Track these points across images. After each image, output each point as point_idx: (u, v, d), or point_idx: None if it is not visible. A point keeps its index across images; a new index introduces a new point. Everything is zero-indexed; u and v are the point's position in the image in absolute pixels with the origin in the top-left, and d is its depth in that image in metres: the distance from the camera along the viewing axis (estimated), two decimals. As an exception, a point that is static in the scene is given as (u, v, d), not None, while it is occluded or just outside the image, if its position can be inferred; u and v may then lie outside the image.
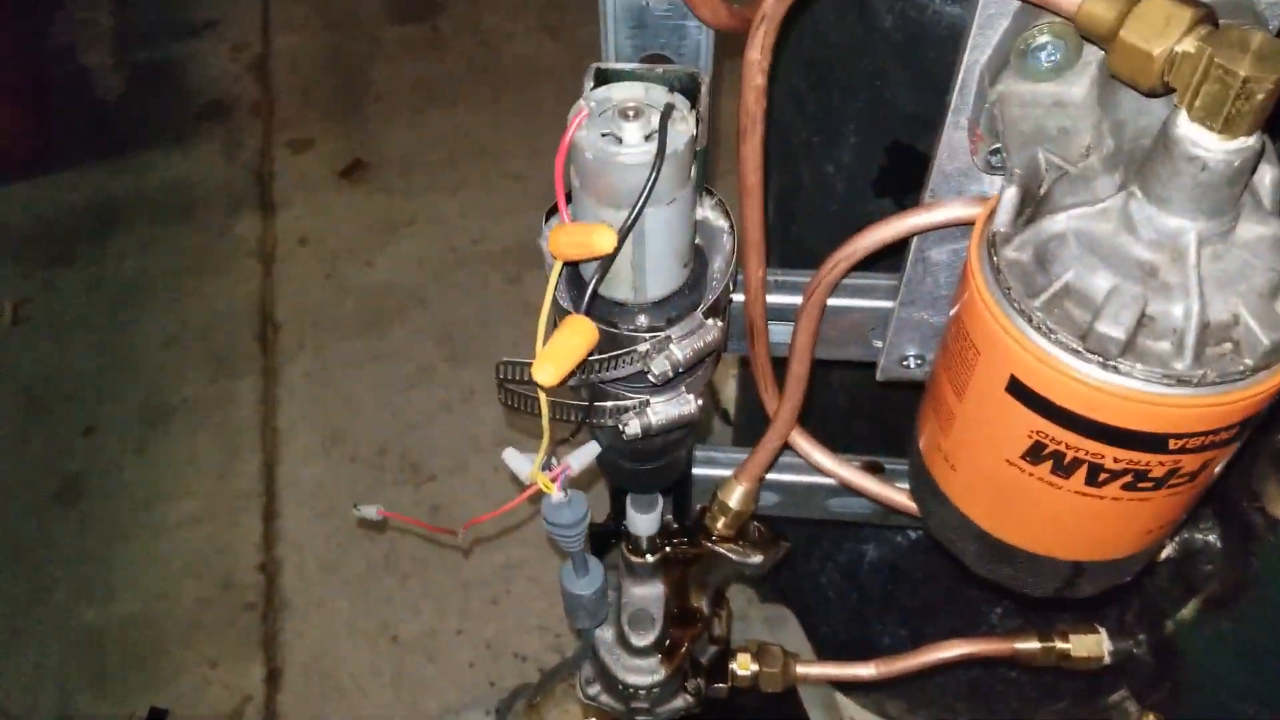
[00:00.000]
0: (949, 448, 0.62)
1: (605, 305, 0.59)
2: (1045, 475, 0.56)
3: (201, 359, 2.29)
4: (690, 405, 0.62)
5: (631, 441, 0.67)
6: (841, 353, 0.84)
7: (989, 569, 0.67)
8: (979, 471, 0.60)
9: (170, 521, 2.08)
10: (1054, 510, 0.58)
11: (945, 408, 0.61)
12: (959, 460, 0.62)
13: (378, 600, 1.98)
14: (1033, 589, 0.67)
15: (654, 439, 0.68)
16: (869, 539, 1.39)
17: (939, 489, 0.66)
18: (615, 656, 0.88)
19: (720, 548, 0.86)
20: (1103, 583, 0.65)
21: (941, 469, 0.64)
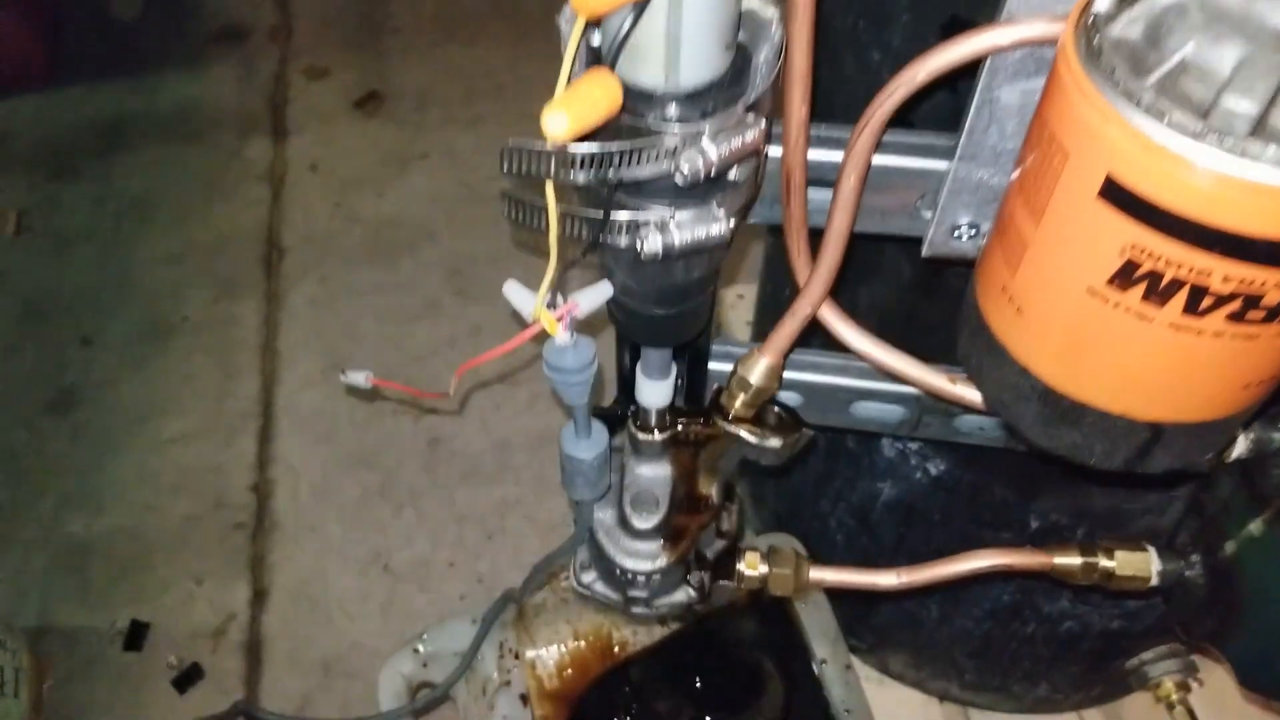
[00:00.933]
0: (1017, 287, 0.56)
1: (631, 95, 0.53)
2: (1134, 304, 0.50)
3: (204, 279, 2.24)
4: (720, 224, 0.56)
5: (650, 272, 0.62)
6: (885, 224, 0.79)
7: (1049, 436, 0.61)
8: (1051, 310, 0.54)
9: (164, 437, 2.04)
10: (1137, 353, 0.52)
11: (1016, 240, 0.55)
12: (1027, 300, 0.56)
13: (370, 528, 1.94)
14: (1098, 459, 0.61)
15: (675, 272, 0.63)
16: (885, 476, 1.34)
17: (997, 342, 0.60)
18: (614, 539, 0.82)
19: (736, 428, 0.80)
20: (1180, 454, 0.59)
21: (1004, 316, 0.59)
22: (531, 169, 0.53)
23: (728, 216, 0.57)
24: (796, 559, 0.89)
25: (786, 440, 0.81)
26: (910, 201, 0.76)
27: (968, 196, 0.73)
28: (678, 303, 0.66)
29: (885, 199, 0.77)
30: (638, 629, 1.34)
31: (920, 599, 1.45)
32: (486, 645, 1.23)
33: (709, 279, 0.67)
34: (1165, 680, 1.43)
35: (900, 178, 0.74)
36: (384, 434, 2.05)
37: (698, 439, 0.82)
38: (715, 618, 1.35)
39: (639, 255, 0.58)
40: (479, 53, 2.60)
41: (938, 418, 0.98)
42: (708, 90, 0.53)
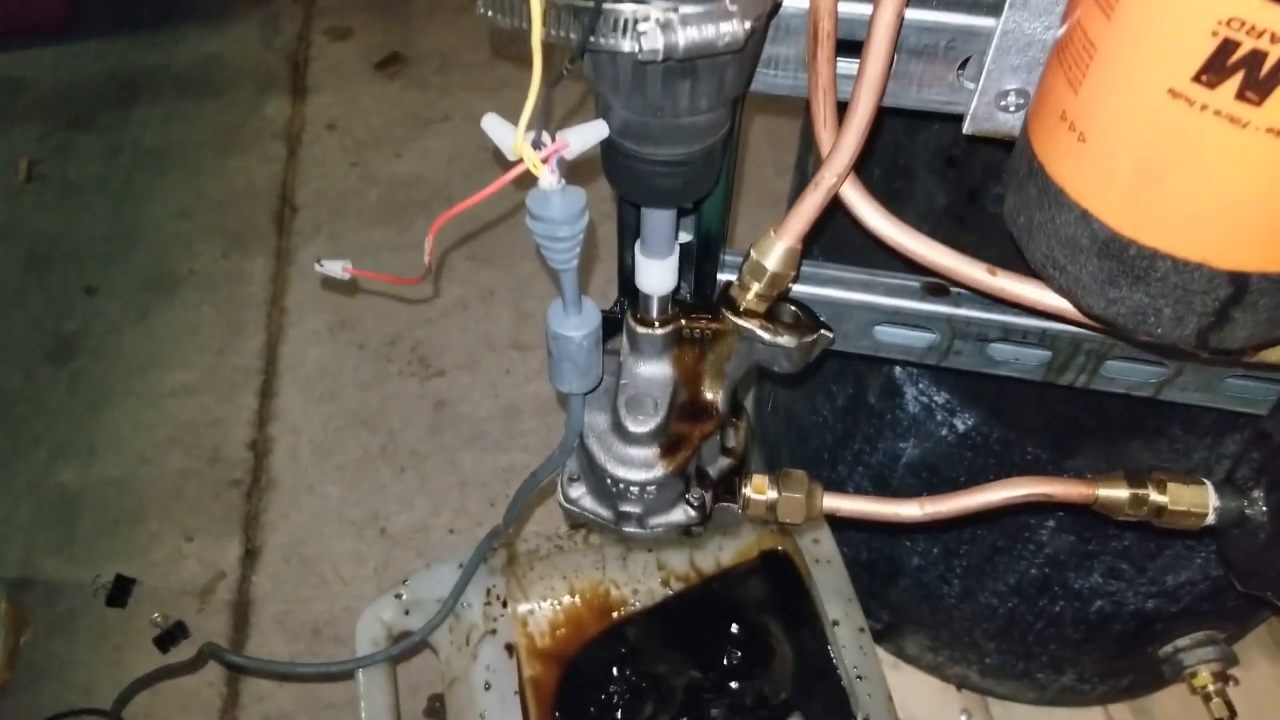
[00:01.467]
0: (1080, 108, 0.48)
1: None
2: (1226, 105, 0.41)
3: (214, 233, 2.19)
4: (733, 24, 0.48)
5: (652, 96, 0.53)
6: (923, 97, 0.70)
7: (1109, 299, 0.52)
8: (1121, 129, 0.46)
9: (163, 389, 1.98)
10: (1223, 174, 0.43)
11: (1081, 46, 0.47)
12: (1092, 121, 0.47)
13: (370, 490, 1.86)
14: (1165, 329, 0.51)
15: (680, 96, 0.54)
16: (908, 434, 1.25)
17: (1053, 185, 0.51)
18: (606, 445, 0.74)
19: (746, 323, 0.71)
20: (1262, 322, 0.49)
21: (1062, 150, 0.50)
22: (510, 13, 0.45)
23: (744, 17, 0.49)
24: (809, 483, 0.81)
25: (803, 340, 0.73)
26: (951, 69, 0.68)
27: (1016, 57, 0.64)
28: (684, 140, 0.58)
29: (924, 66, 0.68)
30: (637, 587, 1.26)
31: (941, 572, 1.36)
32: (472, 590, 1.14)
33: (721, 113, 0.59)
34: (1201, 670, 1.33)
35: (942, 36, 0.66)
36: (389, 394, 1.98)
37: (703, 335, 0.73)
38: (719, 578, 1.26)
39: (637, 66, 0.50)
40: (505, 19, 2.54)
41: (970, 343, 0.89)
42: None
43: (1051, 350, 0.88)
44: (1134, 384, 0.89)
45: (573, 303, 0.64)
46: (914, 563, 1.39)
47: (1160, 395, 0.89)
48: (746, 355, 0.74)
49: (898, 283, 0.87)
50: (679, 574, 1.27)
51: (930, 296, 0.86)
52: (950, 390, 1.16)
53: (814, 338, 0.73)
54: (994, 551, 1.29)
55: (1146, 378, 0.88)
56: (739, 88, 0.57)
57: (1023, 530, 1.24)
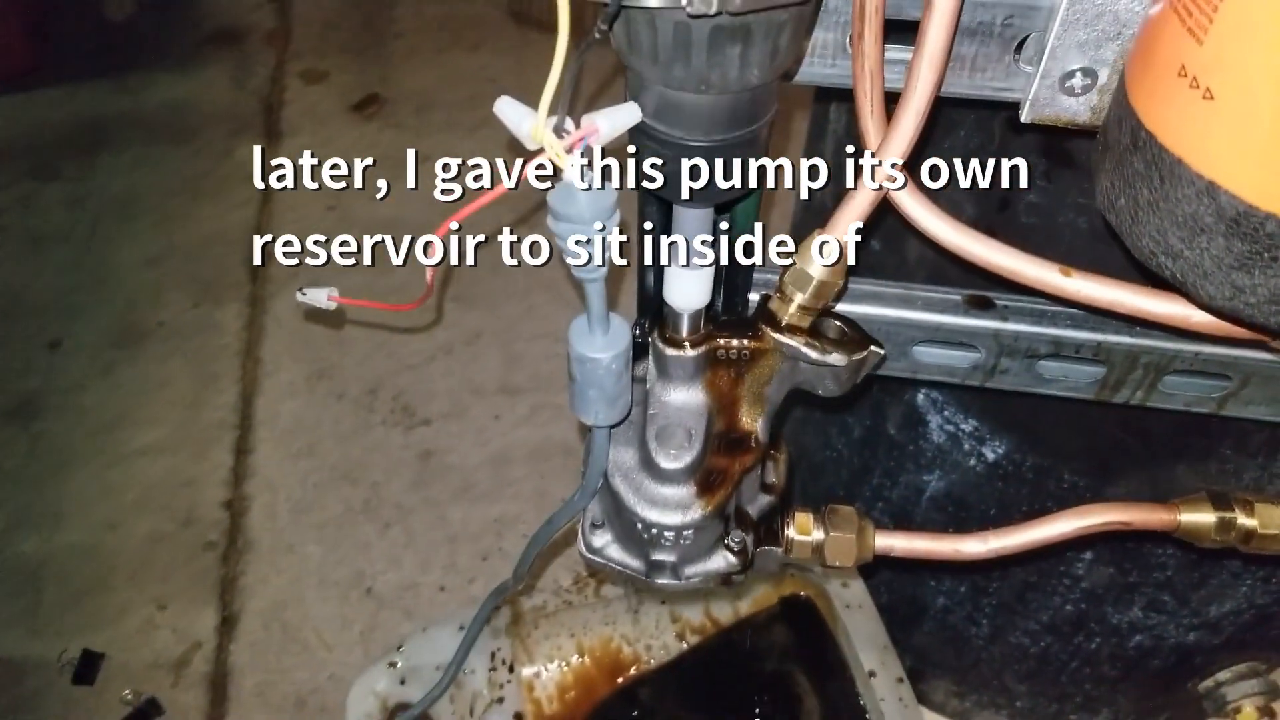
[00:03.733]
0: (1207, 59, 0.41)
1: None
2: None
3: (185, 282, 2.10)
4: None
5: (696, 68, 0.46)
6: (975, 82, 0.63)
7: (1240, 285, 0.44)
8: (1264, 73, 0.38)
9: (131, 449, 1.87)
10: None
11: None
12: (1224, 74, 0.40)
13: (354, 548, 1.76)
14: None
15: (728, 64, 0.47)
16: (933, 465, 1.17)
17: (1168, 156, 0.44)
18: (635, 484, 0.65)
19: (790, 340, 0.64)
20: None
21: (1182, 113, 0.43)
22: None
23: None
24: (859, 520, 0.73)
25: (853, 358, 0.65)
26: (1007, 51, 0.62)
27: (1085, 31, 0.58)
28: (726, 126, 0.51)
29: (977, 47, 0.62)
30: (650, 643, 1.17)
31: (969, 612, 1.28)
32: (475, 655, 1.05)
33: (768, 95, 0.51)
34: (1245, 704, 1.25)
35: (999, 13, 0.60)
36: (371, 446, 1.88)
37: (740, 356, 0.66)
38: (737, 629, 1.18)
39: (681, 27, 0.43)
40: (483, 59, 2.50)
41: (1018, 361, 0.82)
42: None
43: (1106, 365, 0.81)
44: (1194, 399, 0.82)
45: (599, 319, 0.57)
46: (939, 603, 1.31)
47: (1223, 411, 0.82)
48: (789, 376, 0.66)
49: (938, 297, 0.80)
50: (694, 626, 1.18)
51: (974, 310, 0.80)
52: (979, 417, 1.09)
53: (864, 354, 0.66)
54: (1026, 588, 1.21)
55: (1208, 392, 0.81)
56: (793, 55, 0.50)
57: (1058, 564, 1.16)
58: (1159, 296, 0.59)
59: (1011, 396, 0.87)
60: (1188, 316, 0.61)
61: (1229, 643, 1.22)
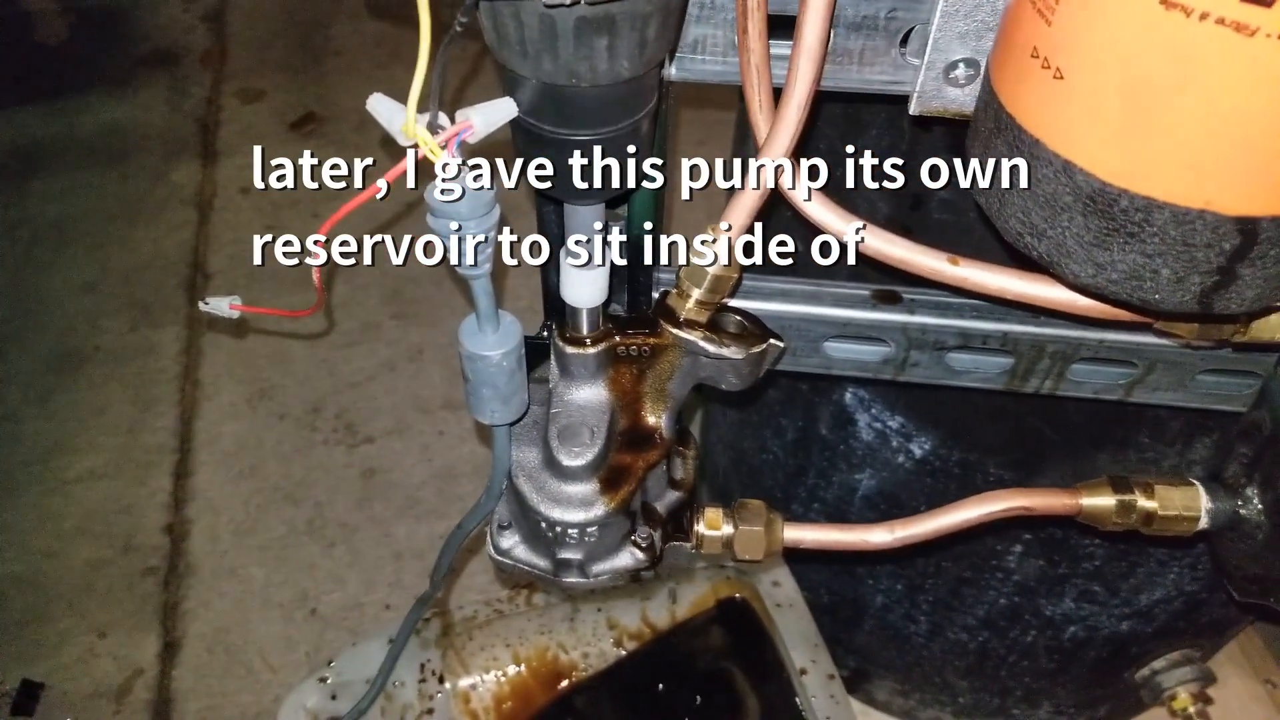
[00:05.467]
0: (1056, 39, 0.41)
1: None
2: (1230, 9, 0.35)
3: (121, 306, 2.07)
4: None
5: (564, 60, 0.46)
6: (865, 77, 0.64)
7: (1099, 264, 0.45)
8: (1107, 55, 0.40)
9: (69, 476, 1.84)
10: (1232, 95, 0.37)
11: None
12: (1072, 52, 0.41)
13: (297, 569, 1.74)
14: (1164, 293, 0.45)
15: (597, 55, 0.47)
16: (864, 464, 1.18)
17: (1025, 135, 0.45)
18: (539, 483, 0.65)
19: (688, 334, 0.64)
20: (1277, 276, 0.43)
21: (1037, 94, 0.44)
22: None
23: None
24: (768, 514, 0.73)
25: (751, 351, 0.65)
26: (893, 44, 0.63)
27: (964, 23, 0.59)
28: (603, 120, 0.51)
29: (863, 41, 0.63)
30: (588, 650, 1.16)
31: (906, 610, 1.28)
32: (404, 667, 1.04)
33: (644, 87, 0.52)
34: (1180, 691, 1.28)
35: (882, 6, 0.61)
36: (314, 465, 1.86)
37: (641, 352, 0.66)
38: (675, 632, 1.17)
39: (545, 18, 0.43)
40: (423, 75, 2.49)
41: (928, 353, 0.83)
42: None
43: (1014, 356, 0.82)
44: (1102, 387, 0.84)
45: (488, 316, 0.57)
46: (878, 602, 1.32)
47: (1131, 397, 0.84)
48: (690, 371, 0.67)
49: (846, 292, 0.81)
50: (631, 632, 1.17)
51: (882, 305, 0.81)
52: (905, 414, 1.10)
53: (763, 348, 0.66)
54: (961, 583, 1.22)
55: (1115, 379, 0.82)
56: (663, 46, 0.51)
57: (989, 558, 1.17)
58: (1044, 281, 0.60)
59: (934, 392, 0.88)
60: (1074, 301, 0.62)
61: (1162, 631, 1.24)
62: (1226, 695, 1.47)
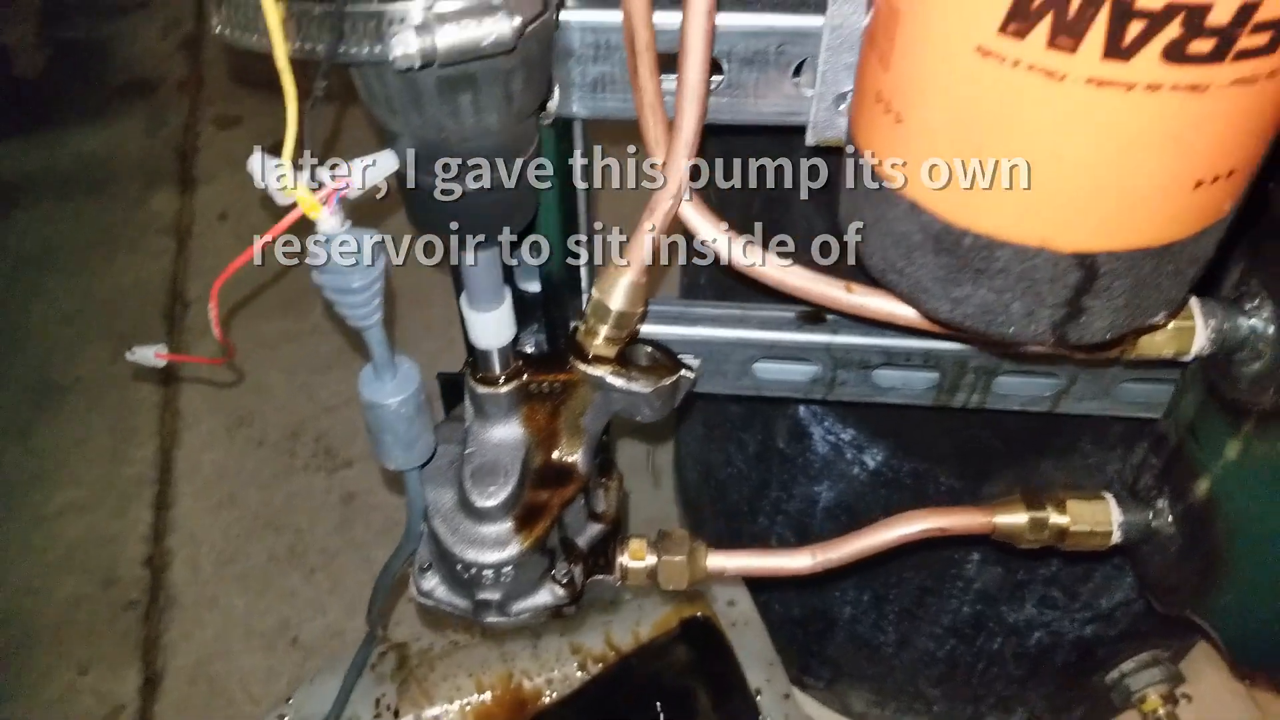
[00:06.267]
0: (893, 84, 0.42)
1: None
2: (1039, 57, 0.36)
3: (101, 336, 2.08)
4: (500, 22, 0.42)
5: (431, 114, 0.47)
6: (760, 109, 0.64)
7: (955, 301, 0.45)
8: (936, 99, 0.40)
9: (49, 510, 1.85)
10: (1049, 138, 0.38)
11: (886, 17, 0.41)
12: (906, 96, 0.41)
13: (278, 597, 1.74)
14: (1019, 327, 0.45)
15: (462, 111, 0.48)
16: (821, 476, 1.18)
17: (875, 176, 0.45)
18: (453, 525, 0.65)
19: (597, 370, 0.65)
20: (1123, 309, 0.43)
21: (880, 136, 0.44)
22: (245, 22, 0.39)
23: (511, 12, 0.43)
24: (691, 543, 0.73)
25: (661, 383, 0.66)
26: (785, 76, 0.63)
27: (850, 54, 0.59)
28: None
29: (757, 75, 0.63)
30: (551, 675, 1.16)
31: (874, 620, 1.28)
32: (360, 703, 1.04)
33: (518, 136, 0.52)
34: (1149, 693, 1.27)
35: (771, 41, 0.61)
36: (294, 491, 1.87)
37: (553, 390, 0.66)
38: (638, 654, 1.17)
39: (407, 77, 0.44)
40: (398, 96, 2.50)
41: (854, 372, 0.83)
42: None
43: (938, 371, 0.82)
44: (1029, 399, 0.83)
45: (384, 364, 0.57)
46: (846, 613, 1.32)
47: (1059, 408, 0.84)
48: (603, 406, 0.67)
49: (772, 315, 0.82)
50: (595, 655, 1.17)
51: (806, 325, 0.81)
52: (856, 426, 1.10)
53: (673, 379, 0.67)
54: (923, 593, 1.22)
55: (1041, 390, 0.82)
56: (532, 98, 0.51)
57: (949, 567, 1.17)
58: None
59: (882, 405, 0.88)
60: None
61: (1127, 634, 1.24)
62: (1203, 690, 1.46)
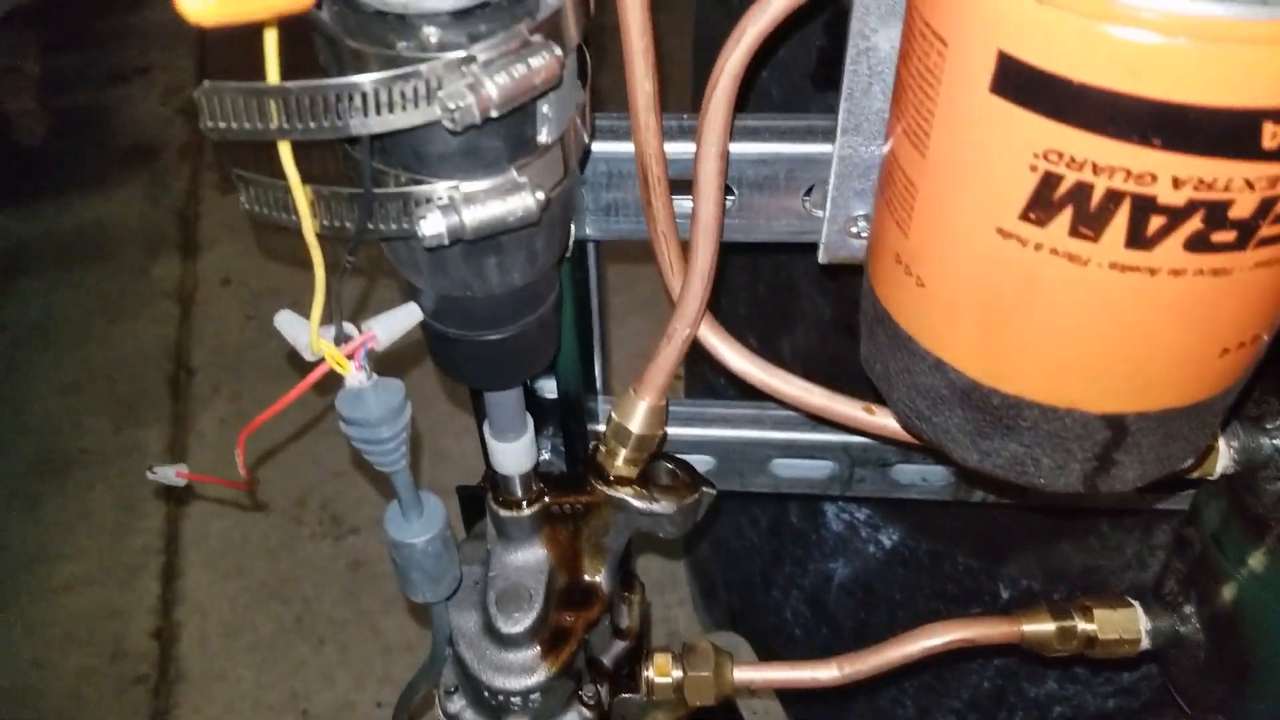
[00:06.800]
0: (912, 251, 0.42)
1: (375, 20, 0.40)
2: (1061, 242, 0.36)
3: (105, 406, 2.07)
4: (525, 198, 0.42)
5: (457, 277, 0.47)
6: (773, 229, 0.65)
7: (983, 451, 0.46)
8: (957, 273, 0.41)
9: (55, 584, 1.84)
10: (1074, 315, 0.38)
11: (903, 186, 0.42)
12: (927, 265, 0.42)
13: (287, 669, 1.73)
14: (1049, 477, 0.45)
15: (488, 273, 0.48)
16: (836, 553, 1.18)
17: (901, 331, 0.46)
18: (479, 651, 0.65)
19: (619, 492, 0.65)
20: (1151, 460, 0.44)
21: (903, 295, 0.45)
22: (242, 121, 0.39)
23: (535, 188, 0.43)
24: (717, 658, 0.73)
25: (683, 503, 0.66)
26: (796, 199, 0.63)
27: (859, 182, 0.60)
28: (504, 321, 0.52)
29: (767, 198, 0.64)
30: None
31: (894, 694, 1.27)
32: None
33: (542, 287, 0.53)
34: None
35: (780, 167, 0.61)
36: (300, 560, 1.86)
37: (575, 511, 0.66)
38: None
39: (427, 249, 0.44)
40: (399, 156, 2.52)
41: (872, 469, 0.83)
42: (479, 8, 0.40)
43: (956, 467, 0.82)
44: (1051, 495, 0.83)
45: (410, 504, 0.57)
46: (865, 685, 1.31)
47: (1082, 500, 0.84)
48: (625, 525, 0.67)
49: (787, 414, 0.82)
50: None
51: (822, 424, 0.81)
52: (871, 506, 1.10)
53: (695, 498, 0.67)
54: (943, 667, 1.22)
55: (1062, 487, 0.82)
56: (555, 252, 0.52)
57: (969, 642, 1.17)
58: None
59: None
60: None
61: (1149, 705, 1.23)
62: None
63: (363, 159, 0.42)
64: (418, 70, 0.38)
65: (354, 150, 0.45)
